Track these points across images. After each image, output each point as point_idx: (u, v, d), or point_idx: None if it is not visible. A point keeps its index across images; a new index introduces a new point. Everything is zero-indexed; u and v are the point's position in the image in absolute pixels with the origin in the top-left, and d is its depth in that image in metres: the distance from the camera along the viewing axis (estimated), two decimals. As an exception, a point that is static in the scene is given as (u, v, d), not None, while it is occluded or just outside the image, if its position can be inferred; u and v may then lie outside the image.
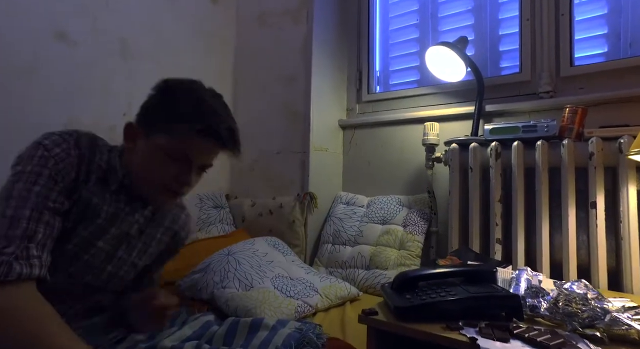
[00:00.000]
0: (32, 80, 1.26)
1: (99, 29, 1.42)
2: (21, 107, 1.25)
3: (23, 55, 1.25)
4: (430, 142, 1.44)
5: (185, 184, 0.81)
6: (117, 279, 0.87)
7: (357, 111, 1.76)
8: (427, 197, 1.49)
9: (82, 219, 0.77)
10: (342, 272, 1.49)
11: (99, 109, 1.43)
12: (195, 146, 0.79)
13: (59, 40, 1.32)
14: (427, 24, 1.65)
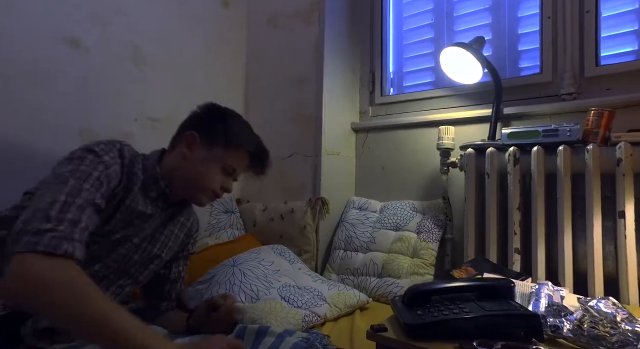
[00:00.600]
0: (45, 87, 1.25)
1: (111, 36, 1.41)
2: (34, 114, 1.24)
3: (36, 62, 1.24)
4: (445, 146, 1.37)
5: (227, 190, 0.99)
6: (139, 266, 0.96)
7: (370, 114, 1.70)
8: (441, 203, 1.42)
9: (128, 225, 0.88)
10: (354, 279, 1.43)
11: (112, 115, 1.41)
12: (241, 161, 0.98)
13: (71, 47, 1.32)
14: (443, 24, 1.58)
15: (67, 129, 1.31)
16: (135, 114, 1.49)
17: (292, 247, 1.52)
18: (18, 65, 1.20)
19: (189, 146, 0.95)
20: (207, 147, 0.94)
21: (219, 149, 0.95)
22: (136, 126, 1.49)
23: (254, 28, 1.84)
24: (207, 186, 0.94)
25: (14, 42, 1.19)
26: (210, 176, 0.94)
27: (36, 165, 1.23)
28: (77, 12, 1.33)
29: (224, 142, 0.95)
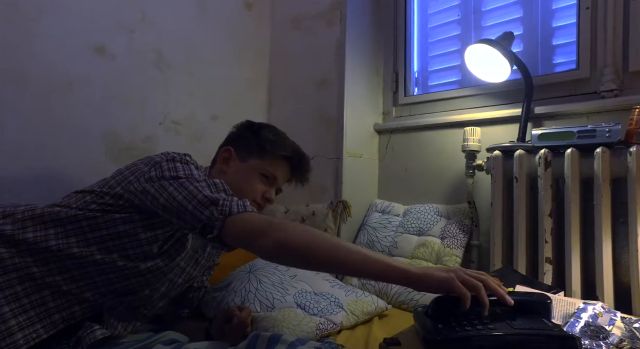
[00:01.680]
0: (71, 94, 1.28)
1: (136, 42, 1.42)
2: (63, 118, 1.26)
3: (64, 70, 1.26)
4: (470, 148, 1.28)
5: (270, 200, 0.98)
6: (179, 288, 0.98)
7: (394, 115, 1.63)
8: (467, 208, 1.33)
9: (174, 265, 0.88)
10: (375, 285, 1.37)
11: (136, 120, 1.43)
12: (280, 168, 0.98)
13: (98, 55, 1.34)
14: (470, 20, 1.47)
15: (93, 132, 1.33)
16: (159, 118, 1.50)
17: (312, 250, 1.48)
18: (49, 71, 1.23)
19: (225, 161, 0.97)
20: (244, 159, 0.96)
21: (255, 160, 0.96)
22: (160, 129, 1.50)
23: (276, 30, 1.81)
24: (247, 196, 0.90)
25: (46, 50, 1.22)
26: (250, 186, 0.94)
27: (63, 165, 1.27)
28: (104, 20, 1.35)
29: (259, 152, 0.96)
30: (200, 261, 1.00)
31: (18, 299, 0.74)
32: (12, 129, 1.16)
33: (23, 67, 1.18)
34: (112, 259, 0.81)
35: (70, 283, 0.79)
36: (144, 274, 0.84)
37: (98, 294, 0.82)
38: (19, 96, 1.17)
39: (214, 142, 1.08)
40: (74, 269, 0.79)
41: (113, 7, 1.36)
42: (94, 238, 0.80)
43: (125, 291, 0.85)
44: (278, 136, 1.02)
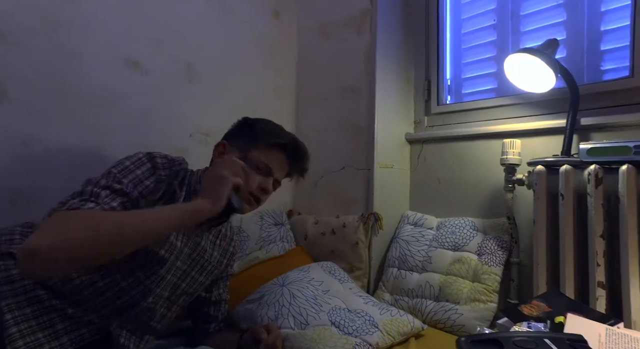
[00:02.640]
0: (109, 107, 1.27)
1: (167, 56, 1.41)
2: (100, 131, 1.26)
3: (103, 84, 1.26)
4: (510, 162, 1.19)
5: (266, 191, 0.93)
6: (187, 296, 0.94)
7: (426, 124, 1.55)
8: (505, 223, 1.25)
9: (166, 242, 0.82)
10: (409, 301, 1.31)
11: (167, 132, 1.41)
12: (274, 157, 0.93)
13: (132, 69, 1.33)
14: (507, 25, 1.38)
15: (128, 145, 1.32)
16: (190, 130, 1.48)
17: (343, 263, 1.43)
18: (88, 86, 1.23)
19: (220, 155, 0.95)
20: (238, 152, 0.93)
21: (247, 149, 0.92)
22: (191, 141, 1.49)
23: (304, 38, 1.76)
24: (242, 188, 0.85)
25: (84, 65, 1.22)
26: (245, 177, 0.88)
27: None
28: (138, 35, 1.34)
29: (253, 142, 0.93)
30: (207, 267, 0.96)
31: (27, 320, 0.74)
32: (57, 140, 1.17)
33: (67, 83, 1.18)
34: (113, 279, 0.79)
35: (74, 306, 0.78)
36: (143, 281, 0.81)
37: (102, 316, 0.80)
38: (64, 109, 1.18)
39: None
40: (72, 295, 0.78)
41: (146, 22, 1.35)
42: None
43: (128, 305, 0.82)
44: (271, 126, 0.98)
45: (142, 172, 0.80)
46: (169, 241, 0.84)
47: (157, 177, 0.81)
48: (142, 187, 0.78)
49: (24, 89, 1.10)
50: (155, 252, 0.81)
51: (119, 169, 0.79)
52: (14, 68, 1.09)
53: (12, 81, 1.08)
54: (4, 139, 1.08)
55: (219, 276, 1.06)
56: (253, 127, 0.96)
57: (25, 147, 1.12)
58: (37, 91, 1.13)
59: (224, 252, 1.02)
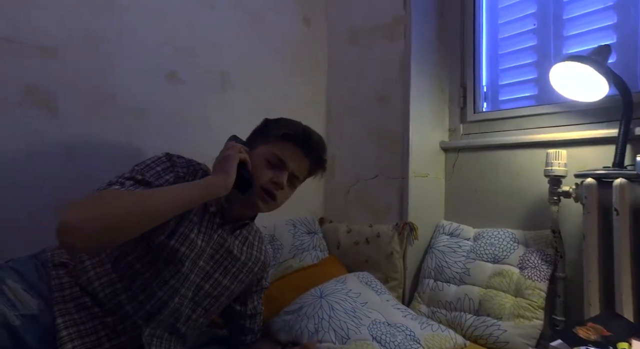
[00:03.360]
0: (145, 119, 1.27)
1: (201, 66, 1.40)
2: (137, 142, 1.26)
3: (141, 95, 1.26)
4: (555, 173, 1.13)
5: (279, 184, 0.88)
6: (212, 299, 0.92)
7: (461, 132, 1.50)
8: (550, 236, 1.19)
9: (173, 233, 0.82)
10: (446, 314, 1.27)
11: (201, 142, 1.40)
12: (285, 149, 0.89)
13: (169, 81, 1.32)
14: (549, 29, 1.32)
15: (162, 156, 1.32)
16: (222, 140, 1.47)
17: (377, 273, 1.40)
18: (127, 98, 1.23)
19: None
20: (252, 148, 0.92)
21: (261, 146, 0.91)
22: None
23: (334, 45, 1.73)
24: (255, 183, 0.86)
25: (124, 78, 1.22)
26: (256, 172, 0.87)
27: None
28: (174, 46, 1.33)
29: (265, 138, 0.92)
30: (231, 270, 0.94)
31: (75, 325, 0.78)
32: (99, 150, 1.17)
33: (108, 95, 1.18)
34: (144, 278, 0.82)
35: (110, 314, 0.81)
36: (168, 281, 0.82)
37: (134, 324, 0.82)
38: (105, 120, 1.18)
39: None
40: (109, 300, 0.81)
41: (181, 33, 1.34)
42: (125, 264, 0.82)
43: (157, 309, 0.83)
44: (284, 120, 0.96)
45: (162, 169, 0.83)
46: (189, 238, 0.84)
47: (175, 173, 0.84)
48: (163, 180, 0.81)
49: (71, 103, 1.11)
50: (176, 249, 0.82)
51: (141, 166, 0.83)
52: (63, 83, 1.09)
53: (62, 96, 1.09)
54: (54, 151, 1.09)
55: (254, 289, 1.04)
56: (266, 124, 0.97)
57: (72, 158, 1.12)
58: (81, 104, 1.13)
59: (255, 260, 1.00)
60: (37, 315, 0.76)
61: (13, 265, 0.81)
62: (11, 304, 0.74)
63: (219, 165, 0.83)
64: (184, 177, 0.85)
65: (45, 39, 1.07)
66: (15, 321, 0.72)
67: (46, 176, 1.07)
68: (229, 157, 0.82)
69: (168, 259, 0.82)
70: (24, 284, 0.78)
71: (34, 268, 0.82)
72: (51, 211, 1.07)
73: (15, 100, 1.02)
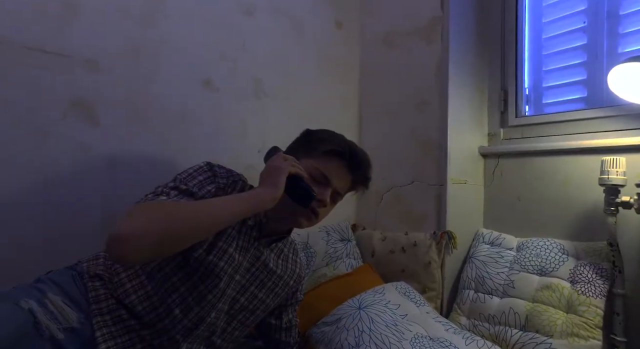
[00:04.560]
0: (184, 127, 1.23)
1: (237, 72, 1.35)
2: (175, 151, 1.23)
3: (179, 104, 1.22)
4: (612, 182, 1.02)
5: (323, 202, 0.83)
6: (247, 312, 0.88)
7: (502, 137, 1.39)
8: (605, 248, 1.08)
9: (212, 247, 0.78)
10: (490, 328, 1.18)
11: (236, 149, 1.35)
12: (330, 165, 0.84)
13: (205, 88, 1.28)
14: (602, 27, 1.20)
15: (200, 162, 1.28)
16: (258, 146, 1.42)
17: (415, 283, 1.32)
18: (163, 107, 1.19)
19: None
20: None
21: (304, 160, 0.84)
22: (259, 157, 1.42)
23: (367, 48, 1.65)
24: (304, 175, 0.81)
25: (162, 86, 1.18)
26: None
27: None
28: (210, 54, 1.28)
29: (309, 150, 0.86)
30: (267, 283, 0.90)
31: (113, 338, 0.76)
32: (139, 160, 1.13)
33: (147, 104, 1.14)
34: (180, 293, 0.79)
35: (147, 328, 0.79)
36: (205, 296, 0.79)
37: (172, 339, 0.79)
38: (144, 130, 1.14)
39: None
40: (147, 314, 0.78)
41: (217, 40, 1.29)
42: (161, 277, 0.79)
43: (194, 324, 0.80)
44: (328, 134, 0.90)
45: (204, 179, 0.80)
46: (227, 253, 0.80)
47: (216, 184, 0.80)
48: (205, 191, 0.78)
49: (112, 114, 1.08)
50: (214, 263, 0.78)
51: (184, 175, 0.80)
52: (104, 94, 1.06)
53: (103, 106, 1.06)
54: (96, 161, 1.06)
55: (289, 302, 1.00)
56: (310, 137, 0.90)
57: (112, 169, 1.09)
58: (122, 114, 1.10)
59: (291, 274, 0.95)
60: (77, 328, 0.74)
61: (52, 277, 0.79)
62: (54, 317, 0.72)
63: (268, 177, 0.77)
64: (224, 188, 0.81)
65: (90, 52, 1.04)
66: (59, 334, 0.70)
67: (89, 187, 1.05)
68: (280, 170, 0.76)
69: (205, 273, 0.78)
70: (64, 297, 0.76)
71: (72, 280, 0.79)
72: (96, 222, 1.05)
73: (60, 113, 1.00)
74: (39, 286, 0.75)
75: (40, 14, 0.97)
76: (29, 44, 0.94)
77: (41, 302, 0.72)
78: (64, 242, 1.00)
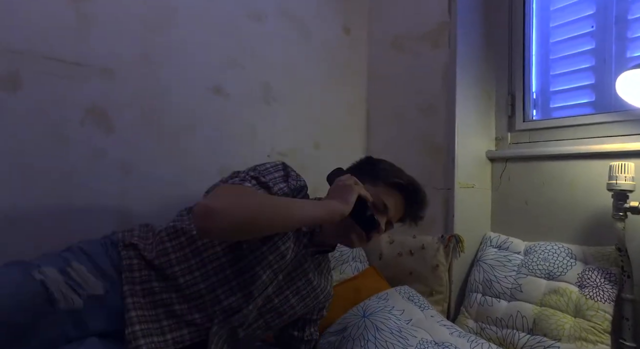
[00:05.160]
0: (194, 133, 1.25)
1: (246, 78, 1.36)
2: (183, 156, 1.24)
3: (187, 111, 1.24)
4: (621, 188, 1.02)
5: (380, 230, 0.85)
6: (275, 314, 0.89)
7: (509, 141, 1.39)
8: (614, 253, 1.08)
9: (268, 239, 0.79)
10: (497, 331, 1.18)
11: (247, 154, 1.37)
12: (392, 197, 0.88)
13: (215, 95, 1.30)
14: (610, 31, 1.19)
15: (209, 169, 1.29)
16: (267, 150, 1.43)
17: (422, 286, 1.32)
18: (173, 113, 1.21)
19: None
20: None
21: (367, 186, 0.85)
22: (268, 161, 1.44)
23: (375, 53, 1.65)
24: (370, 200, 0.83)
25: (170, 93, 1.20)
26: None
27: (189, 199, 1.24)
28: (219, 60, 1.30)
29: (373, 179, 0.89)
30: (301, 291, 0.90)
31: (142, 308, 0.76)
32: (148, 165, 1.15)
33: (158, 111, 1.16)
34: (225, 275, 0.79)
35: (183, 302, 0.78)
36: (248, 286, 0.80)
37: (206, 317, 0.78)
38: (156, 136, 1.16)
39: (318, 170, 1.02)
40: (187, 287, 0.78)
41: (227, 47, 1.31)
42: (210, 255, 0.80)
43: (233, 309, 0.80)
44: (393, 167, 0.94)
45: (279, 176, 0.83)
46: (279, 249, 0.81)
47: (288, 184, 0.83)
48: (278, 188, 0.80)
49: (125, 121, 1.10)
50: (265, 255, 0.80)
51: (262, 168, 0.83)
52: (118, 100, 1.08)
53: (117, 114, 1.08)
54: (110, 167, 1.08)
55: (314, 317, 1.01)
56: (375, 165, 0.94)
57: (126, 174, 1.11)
58: (134, 121, 1.12)
59: (322, 288, 0.96)
60: (102, 296, 0.74)
61: (82, 245, 0.80)
62: (76, 284, 0.72)
63: (339, 193, 0.78)
64: (294, 190, 0.84)
65: (105, 61, 1.06)
66: (77, 303, 0.71)
67: (104, 191, 1.07)
68: (351, 189, 0.78)
69: (253, 262, 0.79)
70: (90, 265, 0.76)
71: (104, 249, 0.80)
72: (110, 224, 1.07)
73: (78, 120, 1.02)
74: (65, 255, 0.76)
75: (59, 26, 0.99)
76: (49, 55, 0.97)
77: (64, 270, 0.73)
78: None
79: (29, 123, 0.96)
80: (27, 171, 0.96)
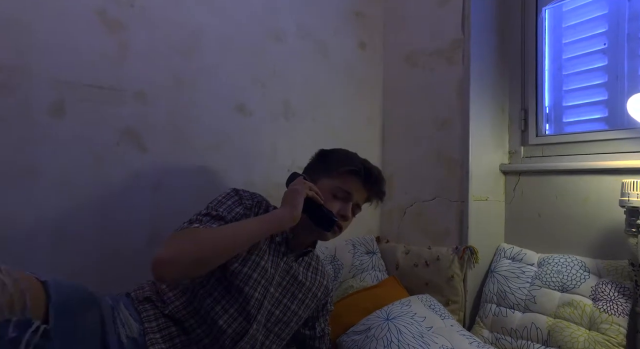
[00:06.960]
0: (218, 152, 1.29)
1: (268, 95, 1.41)
2: (209, 174, 1.29)
3: (213, 129, 1.29)
4: (633, 205, 1.03)
5: (345, 217, 0.93)
6: (282, 324, 0.93)
7: (522, 155, 1.41)
8: (627, 267, 1.09)
9: (246, 260, 0.86)
10: (512, 342, 1.20)
11: (268, 169, 1.41)
12: (349, 183, 0.93)
13: (239, 113, 1.34)
14: (622, 48, 1.21)
15: (233, 184, 1.33)
16: (287, 165, 1.48)
17: (438, 296, 1.35)
18: (202, 133, 1.26)
19: None
20: (314, 182, 0.93)
21: (324, 179, 0.94)
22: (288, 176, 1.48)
23: (390, 68, 1.68)
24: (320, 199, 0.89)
25: (199, 114, 1.25)
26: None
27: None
28: (243, 79, 1.35)
29: (327, 171, 0.95)
30: (298, 295, 0.95)
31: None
32: (178, 182, 1.20)
33: (187, 131, 1.22)
34: (222, 306, 0.85)
35: (193, 345, 0.84)
36: (245, 307, 0.85)
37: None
38: (185, 156, 1.22)
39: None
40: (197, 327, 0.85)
41: (250, 66, 1.36)
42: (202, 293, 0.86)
43: (238, 334, 0.85)
44: (344, 155, 0.99)
45: (232, 203, 0.88)
46: (260, 265, 0.87)
47: (244, 205, 0.89)
48: (234, 213, 0.86)
49: (157, 142, 1.15)
50: (248, 275, 0.85)
51: (214, 202, 0.88)
52: (150, 123, 1.14)
53: (150, 135, 1.14)
54: (143, 185, 1.14)
55: (320, 314, 1.05)
56: (326, 158, 0.99)
57: (156, 191, 1.17)
58: (165, 141, 1.17)
59: (318, 285, 1.01)
60: (137, 339, 0.80)
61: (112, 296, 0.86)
62: (122, 325, 0.79)
63: (286, 199, 0.86)
64: (251, 208, 0.90)
65: (139, 85, 1.12)
66: (125, 341, 0.78)
67: (137, 208, 1.13)
68: (297, 193, 0.85)
69: (241, 285, 0.85)
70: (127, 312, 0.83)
71: (128, 299, 0.87)
72: (142, 240, 1.13)
73: (114, 141, 1.08)
74: (113, 297, 0.83)
75: (98, 54, 1.05)
76: (89, 82, 1.03)
77: (116, 309, 0.80)
78: (114, 259, 1.08)
79: (70, 144, 1.02)
80: (67, 188, 1.02)
